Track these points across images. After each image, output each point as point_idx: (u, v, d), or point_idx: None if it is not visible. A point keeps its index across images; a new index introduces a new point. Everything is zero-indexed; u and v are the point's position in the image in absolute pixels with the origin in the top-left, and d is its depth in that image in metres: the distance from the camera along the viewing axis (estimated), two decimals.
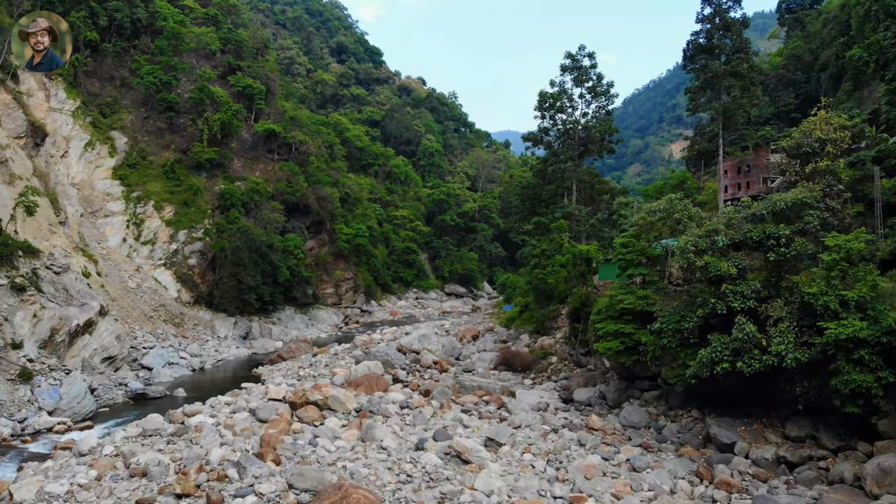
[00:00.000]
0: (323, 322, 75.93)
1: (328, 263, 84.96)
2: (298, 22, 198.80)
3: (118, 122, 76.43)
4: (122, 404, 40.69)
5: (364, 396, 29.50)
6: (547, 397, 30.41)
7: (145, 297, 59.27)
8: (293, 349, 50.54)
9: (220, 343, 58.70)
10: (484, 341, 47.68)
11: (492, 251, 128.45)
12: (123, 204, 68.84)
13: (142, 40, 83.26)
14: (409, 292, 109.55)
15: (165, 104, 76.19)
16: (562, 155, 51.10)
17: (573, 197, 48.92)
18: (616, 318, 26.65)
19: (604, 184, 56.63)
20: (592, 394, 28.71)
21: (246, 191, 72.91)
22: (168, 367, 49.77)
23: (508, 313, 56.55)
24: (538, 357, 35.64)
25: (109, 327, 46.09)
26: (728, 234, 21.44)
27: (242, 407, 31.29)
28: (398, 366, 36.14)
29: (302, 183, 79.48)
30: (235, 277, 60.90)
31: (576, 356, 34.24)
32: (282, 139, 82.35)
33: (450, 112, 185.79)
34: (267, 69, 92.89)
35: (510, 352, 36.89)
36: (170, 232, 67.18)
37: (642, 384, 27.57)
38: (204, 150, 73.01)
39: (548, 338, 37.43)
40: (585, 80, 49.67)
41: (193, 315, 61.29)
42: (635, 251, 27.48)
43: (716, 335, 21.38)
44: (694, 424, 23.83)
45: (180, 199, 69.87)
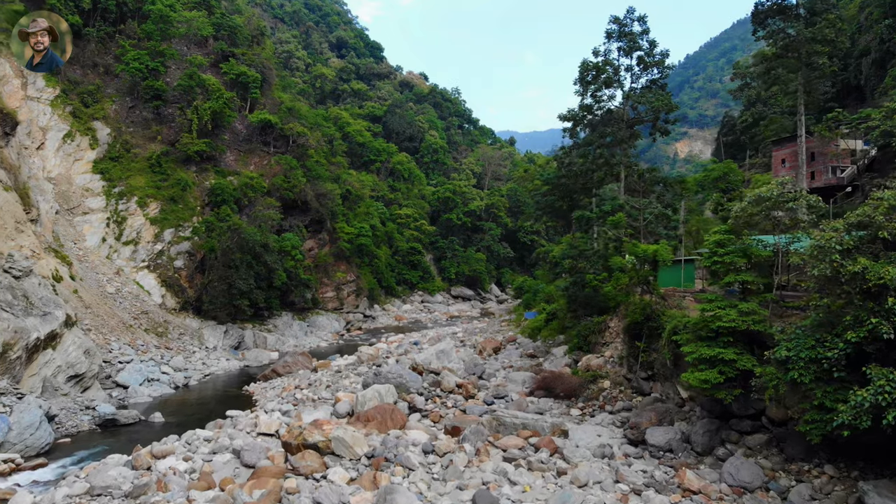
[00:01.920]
0: (323, 329, 69.79)
1: (328, 265, 78.86)
2: (297, 16, 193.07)
3: (101, 111, 70.29)
4: (88, 433, 34.59)
5: (376, 436, 23.43)
6: (607, 436, 24.29)
7: (125, 304, 53.14)
8: (290, 364, 44.46)
9: (209, 355, 52.57)
10: (508, 355, 41.57)
11: (500, 252, 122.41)
12: (104, 200, 62.71)
13: (128, 25, 77.15)
14: (415, 295, 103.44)
15: (152, 92, 70.11)
16: (607, 137, 44.22)
17: (621, 186, 42.16)
18: (711, 339, 20.65)
19: (655, 171, 49.99)
20: (672, 435, 22.59)
21: (239, 186, 66.78)
22: (147, 384, 43.69)
23: (531, 322, 50.45)
24: (585, 381, 29.56)
25: (77, 340, 39.95)
26: (890, 228, 15.46)
27: (225, 446, 25.23)
28: (414, 390, 30.07)
29: (300, 178, 73.34)
30: (226, 281, 54.77)
31: (635, 381, 28.18)
32: (278, 131, 76.22)
33: (453, 108, 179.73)
34: (263, 57, 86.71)
35: (550, 373, 30.81)
36: (154, 231, 61.08)
37: (741, 424, 21.39)
38: (193, 141, 66.91)
39: (594, 356, 31.34)
40: (635, 48, 42.93)
41: (179, 323, 55.16)
42: (736, 252, 21.42)
43: (876, 368, 15.24)
44: (833, 486, 17.60)
45: (167, 194, 63.77)
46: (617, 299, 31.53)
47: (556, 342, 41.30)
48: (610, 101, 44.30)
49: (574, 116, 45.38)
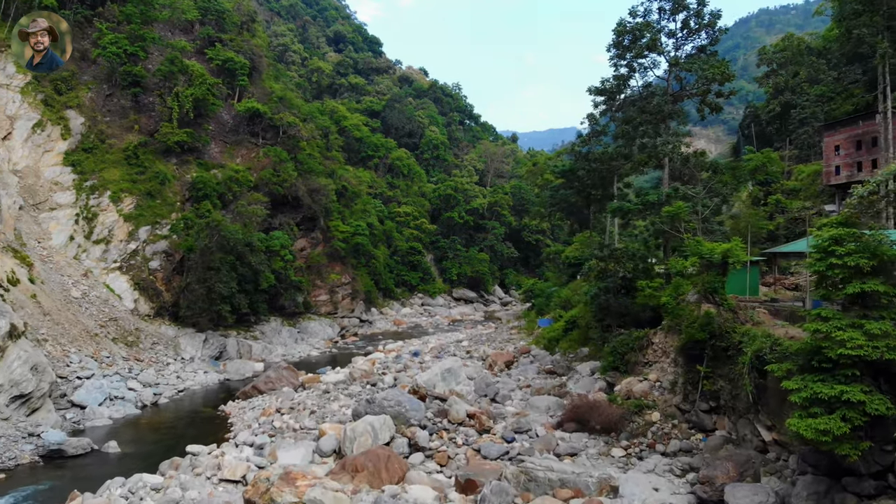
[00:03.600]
0: (315, 336, 64.20)
1: (322, 266, 73.26)
2: (294, 10, 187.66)
3: (75, 99, 64.63)
4: (29, 466, 29.09)
5: (367, 494, 17.95)
6: (666, 489, 18.69)
7: (92, 310, 47.58)
8: (273, 379, 38.93)
9: (185, 367, 47.01)
10: (523, 371, 35.97)
11: (503, 252, 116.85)
12: (74, 195, 57.11)
13: (107, 8, 71.55)
14: (414, 298, 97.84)
15: (130, 78, 64.48)
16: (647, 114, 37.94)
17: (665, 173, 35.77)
18: (825, 371, 15.14)
19: (703, 155, 43.61)
20: (763, 498, 16.90)
21: (223, 180, 61.21)
22: (109, 403, 38.12)
23: (546, 330, 44.86)
24: (628, 411, 23.97)
25: (24, 354, 34.37)
26: None
27: (175, 499, 19.72)
28: (416, 421, 24.56)
29: (291, 172, 67.72)
30: (205, 284, 49.20)
31: (694, 414, 22.65)
32: (268, 121, 70.61)
33: (454, 103, 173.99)
34: (253, 44, 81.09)
35: (582, 401, 25.09)
36: (129, 228, 55.49)
37: (861, 485, 15.67)
38: (174, 131, 61.35)
39: (635, 379, 25.67)
40: (679, 8, 36.39)
41: (153, 331, 49.59)
42: (863, 252, 15.75)
43: None
44: None
45: (144, 188, 58.19)
46: (663, 309, 25.98)
47: (579, 356, 35.78)
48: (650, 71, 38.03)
49: (608, 89, 38.93)
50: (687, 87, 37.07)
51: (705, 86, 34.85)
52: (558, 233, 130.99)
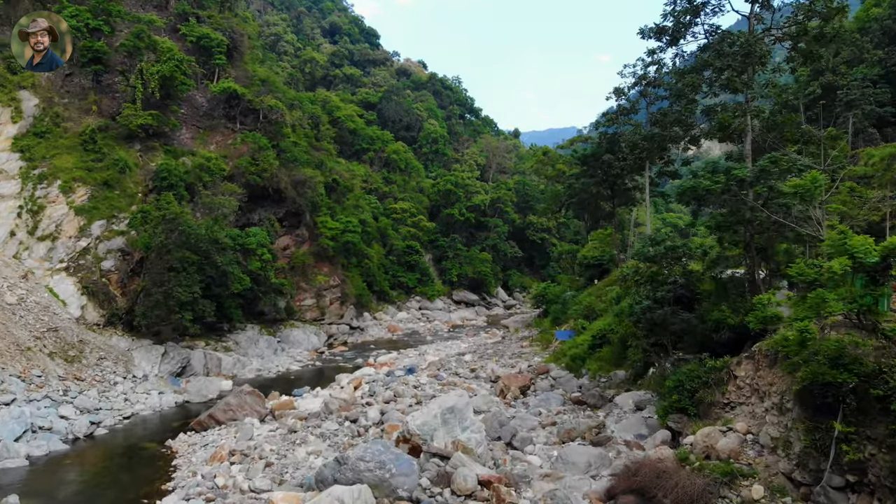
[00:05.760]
0: (297, 345, 56.83)
1: (308, 267, 65.88)
2: (288, 1, 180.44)
3: (30, 79, 57.22)
4: None
5: None
6: None
7: (28, 318, 40.16)
8: (234, 407, 31.62)
9: (136, 386, 39.66)
10: (545, 400, 28.50)
11: (507, 251, 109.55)
12: (19, 184, 49.80)
13: None
14: (411, 301, 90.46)
15: (91, 54, 57.11)
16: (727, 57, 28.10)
17: (747, 142, 27.38)
18: None
19: (793, 117, 35.21)
20: None
21: (193, 168, 53.83)
22: (29, 437, 30.70)
23: (567, 345, 37.53)
24: (714, 480, 16.54)
25: None
26: None
27: None
28: (405, 492, 17.11)
29: (272, 160, 60.30)
30: (162, 288, 41.83)
31: (823, 493, 15.07)
32: (247, 104, 63.20)
33: (454, 96, 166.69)
34: (234, 22, 73.69)
35: (643, 465, 17.71)
36: (80, 223, 48.16)
37: None
38: (137, 113, 54.04)
39: (717, 428, 18.16)
40: None
41: (101, 343, 42.22)
42: None
43: None
44: None
45: (100, 178, 50.87)
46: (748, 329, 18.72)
47: (614, 381, 28.50)
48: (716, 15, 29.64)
49: (667, 29, 30.37)
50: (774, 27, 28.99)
51: (801, 24, 26.54)
52: (564, 231, 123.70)
